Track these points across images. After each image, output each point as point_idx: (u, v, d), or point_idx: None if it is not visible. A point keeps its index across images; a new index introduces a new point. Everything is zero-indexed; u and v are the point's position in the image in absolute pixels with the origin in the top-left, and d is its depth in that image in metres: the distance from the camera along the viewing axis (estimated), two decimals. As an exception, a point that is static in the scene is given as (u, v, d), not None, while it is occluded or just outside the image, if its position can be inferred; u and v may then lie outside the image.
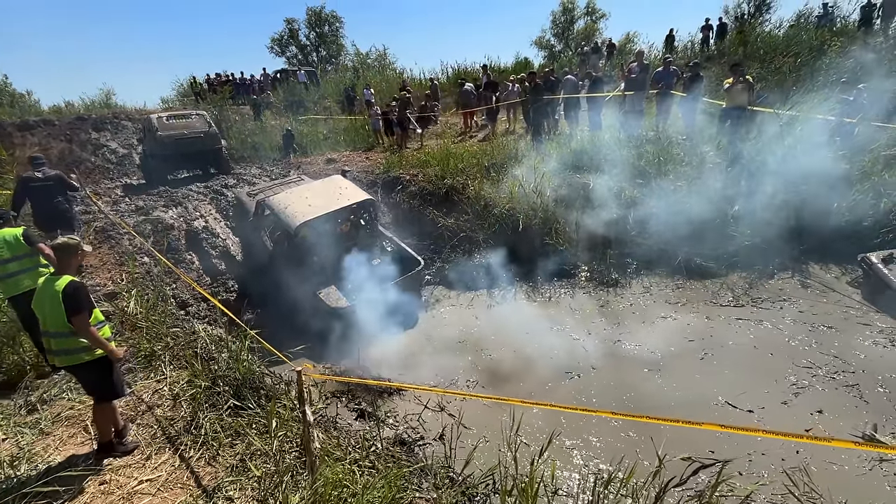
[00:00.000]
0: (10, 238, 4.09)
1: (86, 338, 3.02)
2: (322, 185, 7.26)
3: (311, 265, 6.52)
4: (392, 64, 24.48)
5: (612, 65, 16.75)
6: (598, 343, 5.69)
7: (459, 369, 5.41)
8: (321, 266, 6.56)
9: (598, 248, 7.53)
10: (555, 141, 9.86)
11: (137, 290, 5.63)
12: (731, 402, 4.50)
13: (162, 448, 3.51)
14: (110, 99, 18.39)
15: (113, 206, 8.54)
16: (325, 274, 6.50)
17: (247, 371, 4.16)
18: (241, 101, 17.80)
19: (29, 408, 3.89)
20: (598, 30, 24.49)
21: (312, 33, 29.85)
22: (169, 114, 10.98)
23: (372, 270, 6.63)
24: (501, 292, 7.29)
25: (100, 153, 14.35)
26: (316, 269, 6.51)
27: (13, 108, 16.01)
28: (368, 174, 10.26)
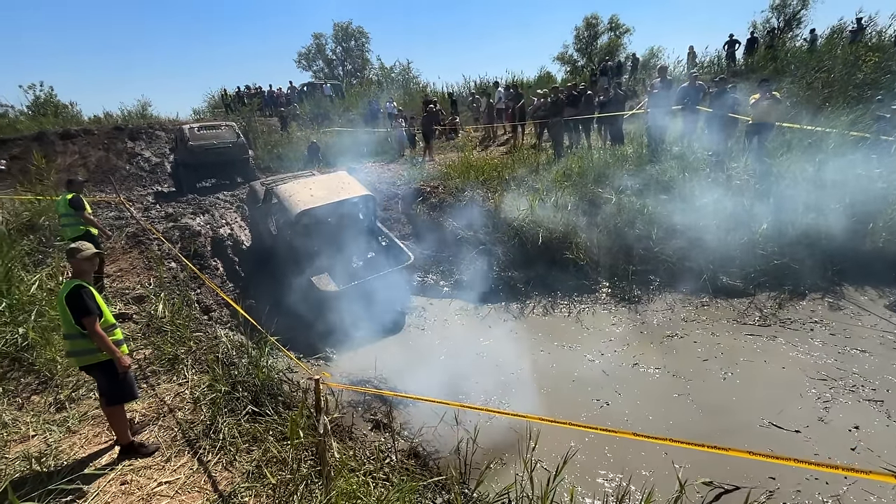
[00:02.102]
0: (62, 201, 5.74)
1: (94, 340, 3.11)
2: (326, 179, 7.69)
3: (309, 251, 6.89)
4: (415, 78, 24.91)
5: (636, 79, 16.68)
6: (620, 362, 5.55)
7: (475, 383, 5.35)
8: (317, 252, 6.94)
9: (620, 264, 7.40)
10: (576, 155, 9.80)
11: (165, 295, 5.78)
12: (775, 422, 4.35)
13: (181, 451, 3.56)
14: (146, 110, 19.18)
15: (144, 213, 8.87)
16: (320, 260, 6.89)
17: (266, 378, 4.20)
18: (268, 113, 18.36)
19: (58, 406, 4.01)
20: (622, 45, 24.41)
21: (339, 48, 30.70)
22: (200, 125, 11.39)
23: (364, 261, 7.13)
24: (519, 306, 7.22)
25: (134, 161, 14.96)
26: (312, 254, 6.88)
27: (57, 119, 16.86)
28: (390, 185, 10.39)
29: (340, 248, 7.14)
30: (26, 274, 5.57)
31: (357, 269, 7.02)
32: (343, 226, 7.54)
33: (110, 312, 3.35)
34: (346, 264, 7.02)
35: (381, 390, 4.52)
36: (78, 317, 3.04)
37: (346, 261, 7.06)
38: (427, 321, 7.08)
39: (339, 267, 6.92)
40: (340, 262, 6.99)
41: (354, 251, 7.25)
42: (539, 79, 20.74)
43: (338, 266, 6.92)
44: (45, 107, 18.11)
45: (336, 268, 6.89)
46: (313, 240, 7.08)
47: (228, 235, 8.20)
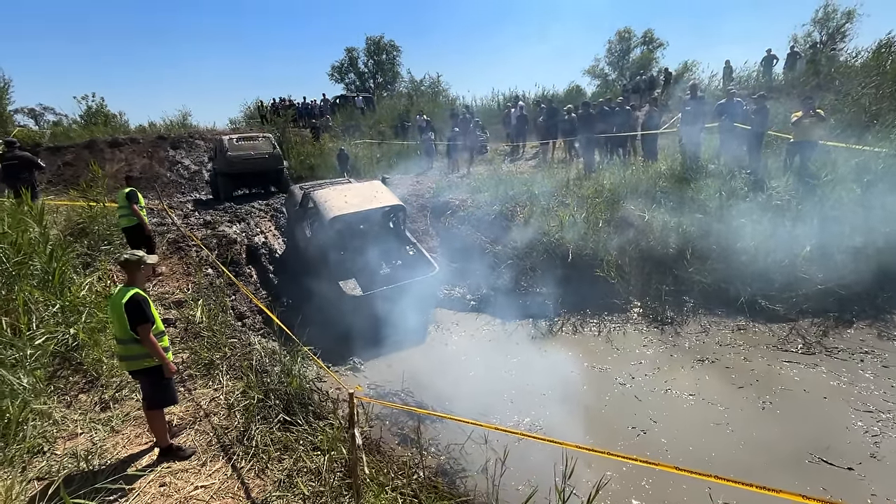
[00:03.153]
0: (122, 194, 6.71)
1: (146, 346, 3.25)
2: (360, 187, 8.00)
3: (339, 255, 7.24)
4: (445, 91, 25.22)
5: (669, 94, 16.42)
6: (651, 387, 5.39)
7: (502, 401, 5.29)
8: (347, 257, 7.29)
9: (652, 284, 7.24)
10: (608, 171, 9.69)
11: (203, 300, 5.99)
12: (824, 458, 4.13)
13: (216, 456, 3.65)
14: (187, 120, 20.06)
15: (184, 220, 9.24)
16: (348, 265, 7.21)
17: (298, 387, 4.28)
18: (301, 125, 18.91)
19: (103, 405, 4.18)
20: (655, 59, 24.13)
21: (370, 61, 31.44)
22: (238, 135, 11.83)
23: (391, 269, 7.36)
24: (547, 323, 7.13)
25: (174, 169, 15.65)
26: (342, 259, 7.23)
27: (106, 127, 17.82)
28: (418, 197, 10.50)
29: (369, 255, 7.39)
30: (77, 277, 5.87)
31: (383, 277, 7.23)
32: (373, 233, 7.84)
33: (160, 319, 3.49)
34: (373, 271, 7.27)
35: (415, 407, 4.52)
36: (135, 324, 3.19)
37: (373, 267, 7.31)
38: (453, 335, 7.08)
39: (366, 273, 7.18)
40: (368, 268, 7.25)
41: (382, 258, 7.48)
42: (568, 92, 20.69)
43: (365, 272, 7.19)
44: (96, 116, 19.16)
45: (363, 273, 7.16)
46: (344, 245, 7.38)
47: (262, 244, 8.44)
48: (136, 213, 6.69)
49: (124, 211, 6.74)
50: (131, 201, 6.65)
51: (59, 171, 14.06)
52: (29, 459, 3.40)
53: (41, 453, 3.49)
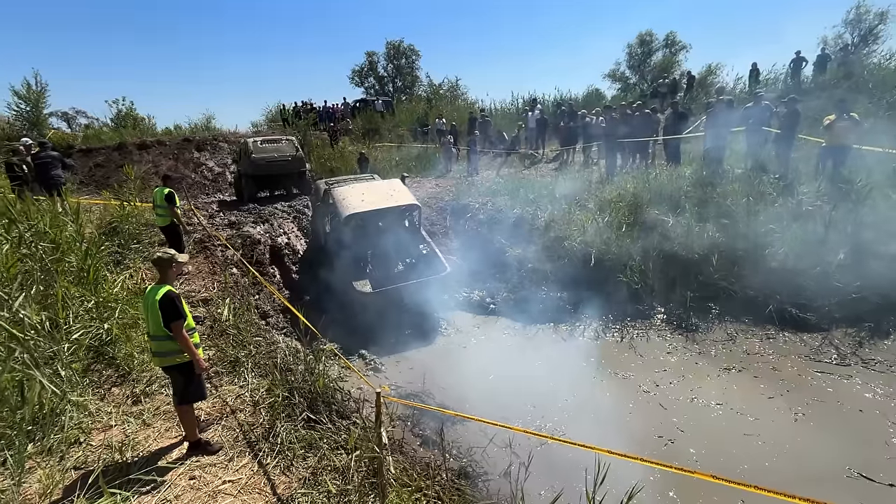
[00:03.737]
0: (159, 194, 6.94)
1: (180, 342, 3.32)
2: (379, 185, 8.18)
3: (354, 251, 7.44)
4: (464, 94, 25.28)
5: (692, 98, 16.16)
6: (677, 395, 5.28)
7: (524, 405, 5.25)
8: (361, 254, 7.51)
9: (677, 290, 7.10)
10: (631, 175, 9.57)
11: (230, 299, 6.10)
12: (864, 473, 3.99)
13: (243, 452, 3.71)
14: (211, 123, 20.55)
15: (210, 220, 9.44)
16: (363, 261, 7.43)
17: (322, 386, 4.32)
18: (322, 128, 19.18)
19: (134, 399, 4.29)
20: (678, 62, 23.71)
21: (390, 65, 31.72)
22: (263, 138, 12.05)
23: (403, 267, 7.50)
24: (568, 328, 7.05)
25: (199, 171, 16.05)
26: (356, 255, 7.45)
27: (135, 130, 18.38)
28: (438, 200, 10.53)
29: (382, 252, 7.63)
30: (110, 274, 6.05)
31: (395, 274, 7.40)
32: (388, 231, 8.01)
33: (191, 316, 3.57)
34: (385, 268, 7.48)
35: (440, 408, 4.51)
36: (168, 321, 3.27)
37: (385, 264, 7.53)
38: (472, 339, 7.06)
39: (378, 269, 7.40)
40: (380, 265, 7.48)
41: (395, 256, 7.67)
42: (587, 96, 20.53)
43: (377, 269, 7.41)
44: (126, 120, 19.77)
45: (375, 270, 7.37)
46: (359, 242, 7.58)
47: (286, 244, 8.58)
48: (174, 213, 6.96)
49: (161, 210, 7.00)
50: (171, 202, 6.92)
51: (91, 173, 14.56)
52: (66, 449, 3.50)
53: (77, 444, 3.59)
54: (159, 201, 6.96)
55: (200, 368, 3.45)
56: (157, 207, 7.05)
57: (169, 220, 7.03)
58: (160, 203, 6.95)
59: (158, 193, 6.99)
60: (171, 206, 6.94)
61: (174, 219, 7.02)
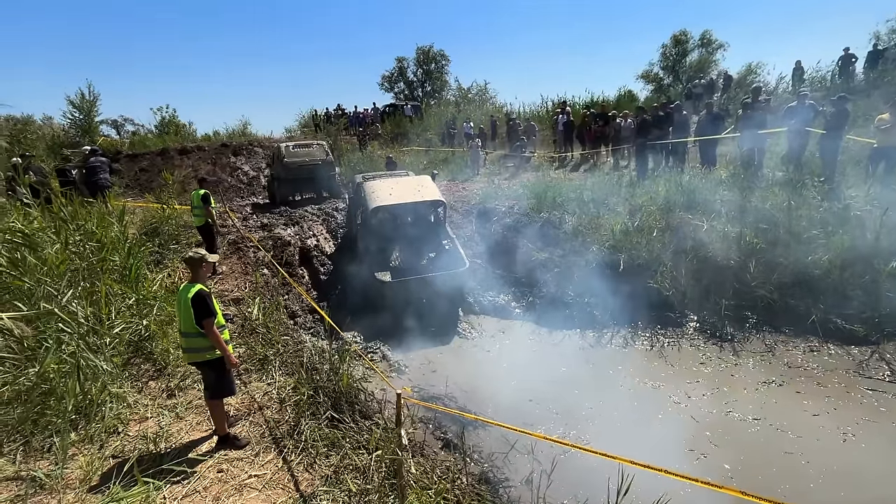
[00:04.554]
0: (196, 195, 7.34)
1: (210, 339, 3.44)
2: (409, 181, 8.43)
3: (378, 242, 7.88)
4: (492, 98, 25.23)
5: (729, 98, 15.55)
6: (710, 408, 5.06)
7: (547, 411, 5.16)
8: (384, 245, 7.93)
9: (710, 297, 6.83)
10: (663, 178, 9.29)
11: (260, 298, 6.30)
12: None
13: (268, 448, 3.81)
14: (246, 129, 21.34)
15: (243, 222, 9.79)
16: (387, 251, 7.85)
17: (346, 385, 4.38)
18: (352, 133, 19.57)
19: (169, 392, 4.48)
20: (715, 61, 22.91)
21: (420, 70, 32.06)
22: (295, 143, 12.40)
23: (424, 260, 7.76)
24: (595, 335, 6.89)
25: (235, 175, 16.66)
26: (380, 246, 7.87)
27: (177, 136, 19.31)
28: (464, 203, 10.54)
29: (405, 244, 8.00)
30: (150, 273, 6.36)
31: (414, 266, 7.67)
32: (412, 224, 8.43)
33: (221, 314, 3.71)
34: (406, 259, 7.81)
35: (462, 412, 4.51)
36: (200, 318, 3.40)
37: (407, 256, 7.86)
38: (497, 343, 7.01)
39: (399, 260, 7.75)
40: (402, 256, 7.84)
41: (417, 249, 7.97)
42: (619, 98, 20.08)
43: (399, 260, 7.76)
44: (169, 126, 20.80)
45: (396, 261, 7.72)
46: (384, 232, 8.02)
47: (315, 246, 8.78)
48: (209, 213, 7.32)
49: (198, 211, 7.38)
50: (206, 203, 7.29)
51: (136, 177, 15.36)
52: (106, 438, 3.69)
53: (116, 433, 3.78)
54: (196, 202, 7.35)
55: (231, 364, 3.57)
56: (194, 208, 7.43)
57: (204, 220, 7.37)
58: (196, 204, 7.34)
59: (195, 195, 7.37)
60: (206, 207, 7.30)
61: (209, 219, 7.34)
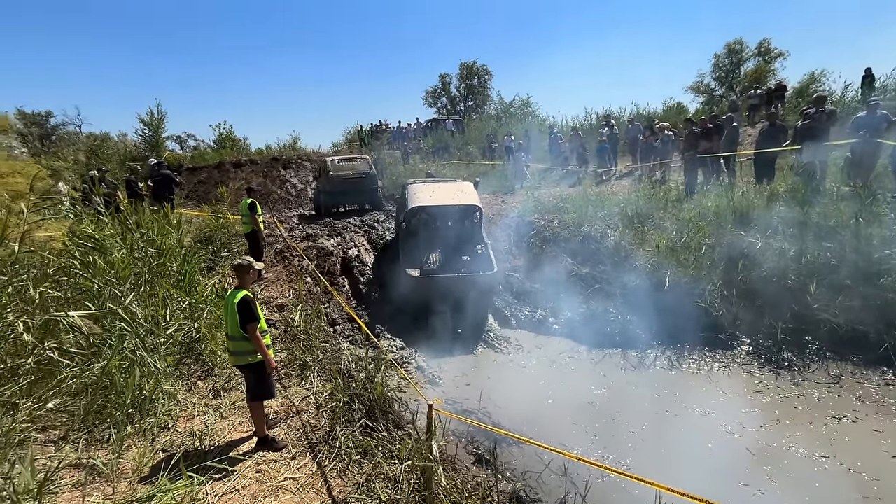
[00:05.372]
0: (244, 204, 7.84)
1: (253, 343, 3.60)
2: (450, 185, 8.80)
3: (415, 240, 8.40)
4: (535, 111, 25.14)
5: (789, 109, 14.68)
6: (769, 441, 4.67)
7: (586, 433, 4.97)
8: (420, 242, 8.40)
9: (765, 320, 6.38)
10: (713, 192, 8.86)
11: (302, 306, 6.53)
12: None
13: (304, 452, 3.90)
14: (296, 143, 22.38)
15: (290, 232, 10.22)
16: (421, 249, 8.27)
17: (380, 394, 4.44)
18: (396, 147, 20.08)
19: (214, 393, 4.72)
20: (773, 70, 21.75)
21: (462, 85, 32.56)
22: (340, 157, 12.89)
23: (456, 261, 8.03)
24: (638, 355, 6.60)
25: (284, 187, 17.48)
26: (416, 243, 8.34)
27: (233, 151, 20.57)
28: (503, 217, 10.50)
29: (439, 244, 8.36)
30: (202, 278, 6.76)
31: (444, 266, 7.99)
32: (447, 226, 8.81)
33: (264, 319, 3.88)
34: (438, 259, 8.14)
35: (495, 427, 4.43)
36: (244, 322, 3.58)
37: (440, 256, 8.19)
38: (533, 358, 6.86)
39: (430, 259, 8.12)
40: (435, 255, 8.20)
41: (450, 250, 8.27)
42: (667, 110, 19.45)
43: (430, 258, 8.13)
44: (225, 141, 22.19)
45: (428, 259, 8.09)
46: (420, 232, 8.61)
47: (356, 257, 9.01)
48: (255, 221, 7.74)
49: (245, 219, 7.81)
50: (252, 211, 7.73)
51: (195, 188, 16.48)
52: (157, 432, 3.92)
53: (166, 428, 4.01)
54: (243, 210, 7.84)
55: (271, 368, 3.72)
56: (243, 216, 7.91)
57: (250, 227, 7.81)
58: (244, 212, 7.81)
59: (243, 204, 7.88)
60: (252, 215, 7.74)
61: (254, 226, 7.77)
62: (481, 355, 6.97)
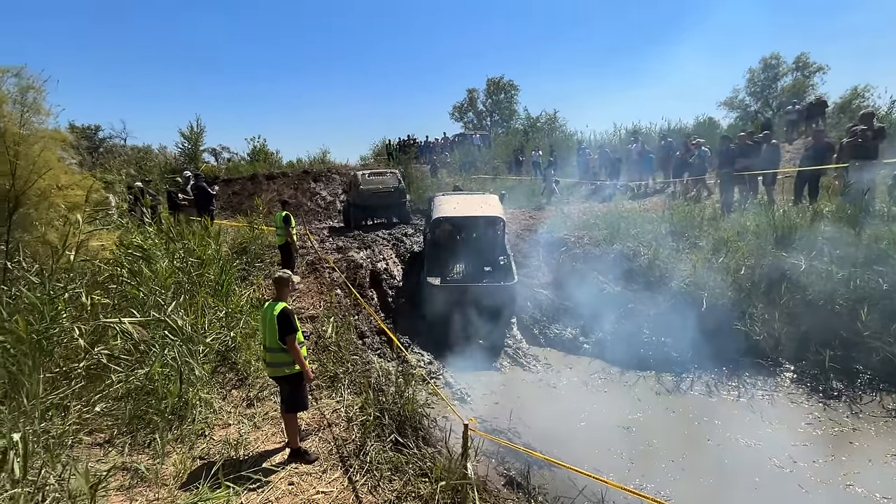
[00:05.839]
0: (279, 216, 8.07)
1: (292, 354, 3.65)
2: (474, 198, 9.10)
3: (439, 250, 8.54)
4: (562, 126, 25.09)
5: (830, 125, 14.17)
6: (825, 476, 4.39)
7: (621, 459, 4.80)
8: (443, 252, 8.53)
9: (811, 346, 6.08)
10: (752, 211, 8.58)
11: (333, 318, 6.60)
12: None
13: (335, 465, 3.90)
14: (326, 156, 22.94)
15: (321, 244, 10.42)
16: (443, 258, 8.41)
17: (411, 410, 4.42)
18: (423, 161, 20.33)
19: (248, 402, 4.79)
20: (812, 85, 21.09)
21: (489, 100, 32.85)
22: (370, 171, 13.14)
23: (477, 271, 8.19)
24: (674, 379, 6.37)
25: (314, 199, 17.89)
26: (440, 253, 8.48)
27: (265, 163, 21.24)
28: (531, 232, 10.43)
29: (461, 254, 8.54)
30: (238, 288, 6.94)
31: (464, 275, 8.15)
32: (469, 236, 8.89)
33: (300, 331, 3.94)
34: (460, 269, 8.29)
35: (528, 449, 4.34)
36: (283, 334, 3.64)
37: (462, 266, 8.34)
38: (564, 378, 6.71)
39: (451, 268, 8.28)
40: (455, 265, 8.35)
41: (472, 260, 8.40)
42: (698, 126, 19.07)
43: (451, 268, 8.29)
44: (259, 154, 22.95)
45: (449, 269, 8.25)
46: (444, 242, 8.74)
47: (384, 270, 9.09)
48: (289, 233, 8.00)
49: (279, 231, 8.06)
50: (287, 224, 7.97)
51: (230, 199, 17.04)
52: (195, 439, 4.01)
53: (203, 436, 4.10)
54: (278, 223, 8.08)
55: (308, 379, 3.77)
56: (277, 228, 8.16)
57: (284, 239, 8.04)
58: (279, 224, 8.06)
59: (278, 216, 8.13)
60: (286, 227, 7.96)
61: (288, 238, 8.00)
62: (509, 373, 6.87)
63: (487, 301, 7.38)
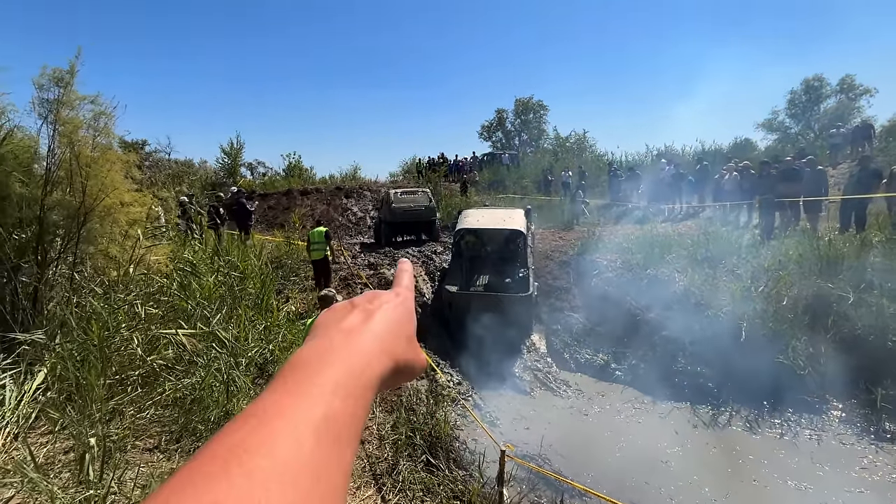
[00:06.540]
0: (318, 232, 8.34)
1: None
2: (499, 212, 9.44)
3: (461, 260, 8.84)
4: (591, 146, 24.97)
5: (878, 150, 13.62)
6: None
7: (661, 495, 4.66)
8: (464, 262, 8.84)
9: (860, 383, 5.78)
10: (794, 238, 8.30)
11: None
12: None
13: (368, 483, 3.96)
14: (357, 173, 23.54)
15: (353, 260, 10.66)
16: (463, 268, 8.68)
17: (443, 432, 4.44)
18: (452, 179, 20.59)
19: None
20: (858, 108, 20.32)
21: (518, 120, 33.08)
22: (402, 190, 13.42)
23: (496, 282, 8.38)
24: (711, 412, 6.16)
25: (345, 215, 18.34)
26: (462, 263, 8.78)
27: (300, 179, 21.97)
28: (561, 254, 10.38)
29: (482, 265, 8.82)
30: (276, 302, 7.17)
31: (486, 286, 8.32)
32: (491, 248, 9.36)
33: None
34: (480, 279, 8.50)
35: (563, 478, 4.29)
36: None
37: (482, 276, 8.55)
38: (595, 406, 6.59)
39: (472, 277, 8.51)
40: (478, 275, 8.58)
41: (492, 271, 8.63)
42: (734, 147, 18.65)
43: (472, 276, 8.52)
44: (294, 170, 23.78)
45: (469, 277, 8.48)
46: (466, 253, 9.08)
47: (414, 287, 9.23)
48: (331, 248, 8.37)
49: (318, 246, 8.32)
50: (328, 238, 8.35)
51: (265, 213, 17.67)
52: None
53: (244, 448, 4.22)
54: (318, 238, 8.32)
55: None
56: (314, 244, 8.37)
57: (322, 254, 8.28)
58: (317, 240, 8.31)
59: (317, 232, 8.40)
60: (328, 242, 8.34)
61: (329, 254, 8.28)
62: (539, 398, 6.80)
63: (500, 310, 7.48)
